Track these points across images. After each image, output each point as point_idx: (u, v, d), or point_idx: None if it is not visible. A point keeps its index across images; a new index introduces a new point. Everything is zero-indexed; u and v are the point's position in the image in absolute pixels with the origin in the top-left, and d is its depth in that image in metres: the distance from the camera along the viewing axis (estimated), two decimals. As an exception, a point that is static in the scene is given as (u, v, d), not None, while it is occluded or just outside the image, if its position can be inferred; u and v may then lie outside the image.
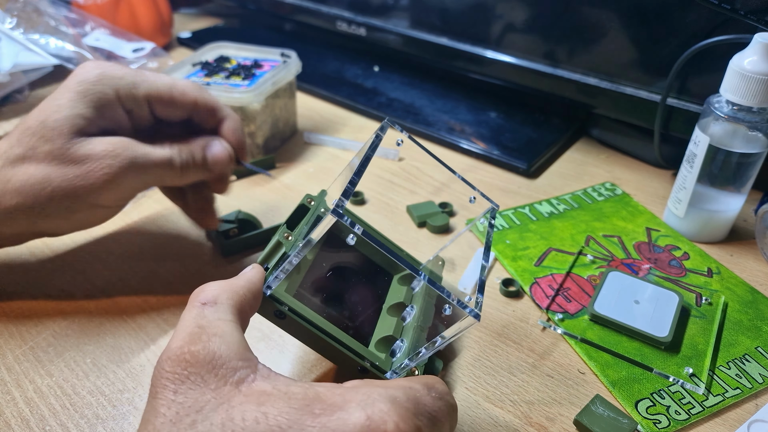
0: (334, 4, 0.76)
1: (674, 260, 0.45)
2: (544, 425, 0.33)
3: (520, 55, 0.60)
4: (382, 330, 0.33)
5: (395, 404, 0.22)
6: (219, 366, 0.23)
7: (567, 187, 0.55)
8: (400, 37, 0.70)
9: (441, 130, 0.62)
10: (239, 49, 0.62)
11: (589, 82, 0.56)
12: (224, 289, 0.27)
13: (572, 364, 0.37)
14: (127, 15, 0.79)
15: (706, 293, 0.42)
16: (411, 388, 0.24)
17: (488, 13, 0.61)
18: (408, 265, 0.27)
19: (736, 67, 0.40)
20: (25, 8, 0.69)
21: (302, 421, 0.21)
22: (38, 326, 0.38)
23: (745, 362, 0.37)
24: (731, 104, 0.42)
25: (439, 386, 0.26)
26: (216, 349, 0.23)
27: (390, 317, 0.34)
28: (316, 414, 0.21)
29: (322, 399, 0.22)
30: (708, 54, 0.47)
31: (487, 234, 0.33)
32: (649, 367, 0.36)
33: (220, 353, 0.23)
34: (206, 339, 0.24)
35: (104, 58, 0.72)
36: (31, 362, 0.36)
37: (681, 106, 0.51)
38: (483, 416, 0.33)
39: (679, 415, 0.33)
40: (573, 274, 0.44)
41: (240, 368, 0.23)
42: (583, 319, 0.40)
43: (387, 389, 0.23)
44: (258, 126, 0.56)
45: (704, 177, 0.44)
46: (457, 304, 0.27)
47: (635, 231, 0.48)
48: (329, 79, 0.74)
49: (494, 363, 0.37)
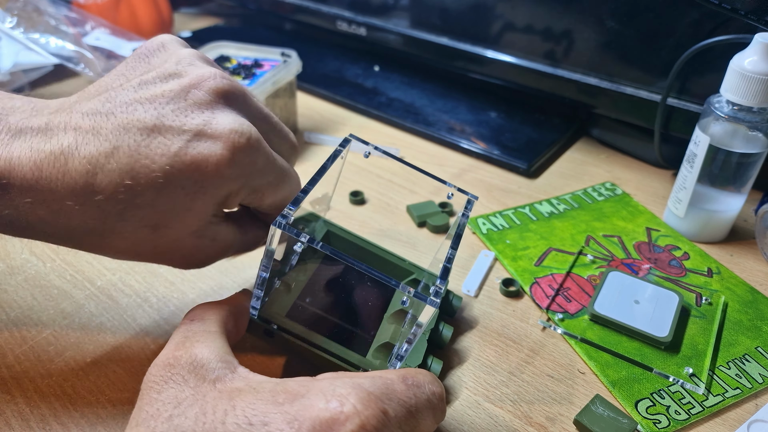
0: (334, 4, 0.76)
1: (674, 260, 0.45)
2: (544, 425, 0.33)
3: (520, 54, 0.60)
4: (381, 337, 0.34)
5: (357, 389, 0.23)
6: (199, 367, 0.25)
7: (567, 187, 0.55)
8: (400, 36, 0.70)
9: (441, 129, 0.62)
10: (239, 49, 0.62)
11: (590, 82, 0.56)
12: (210, 307, 0.30)
13: (572, 364, 0.37)
14: (127, 14, 0.79)
15: (706, 293, 0.42)
16: (382, 377, 0.25)
17: (488, 13, 0.61)
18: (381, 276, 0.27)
19: (736, 67, 0.40)
20: (26, 7, 0.69)
21: (266, 411, 0.22)
22: (38, 326, 0.38)
23: (745, 362, 0.37)
24: (731, 104, 0.42)
25: (420, 377, 0.26)
26: (197, 353, 0.25)
27: (390, 325, 0.35)
28: (279, 403, 0.22)
29: (288, 390, 0.23)
30: (708, 54, 0.47)
31: (459, 223, 0.32)
32: (649, 367, 0.36)
33: (201, 356, 0.25)
34: (189, 345, 0.26)
35: (104, 57, 0.72)
36: (31, 362, 0.36)
37: (681, 106, 0.51)
38: (483, 416, 0.33)
39: (679, 415, 0.33)
40: (573, 274, 0.44)
41: (218, 369, 0.25)
42: (583, 319, 0.40)
43: (354, 378, 0.24)
44: (258, 126, 0.56)
45: (704, 177, 0.44)
46: (414, 295, 0.27)
47: (635, 231, 0.48)
48: (329, 79, 0.74)
49: (494, 363, 0.37)
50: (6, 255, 0.44)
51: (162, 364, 0.25)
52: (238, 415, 0.22)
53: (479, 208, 0.52)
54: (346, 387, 0.23)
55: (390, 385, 0.24)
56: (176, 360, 0.25)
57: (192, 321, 0.28)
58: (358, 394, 0.22)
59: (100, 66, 0.69)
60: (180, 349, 0.25)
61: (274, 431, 0.21)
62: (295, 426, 0.21)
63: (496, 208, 0.52)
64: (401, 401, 0.24)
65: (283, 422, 0.21)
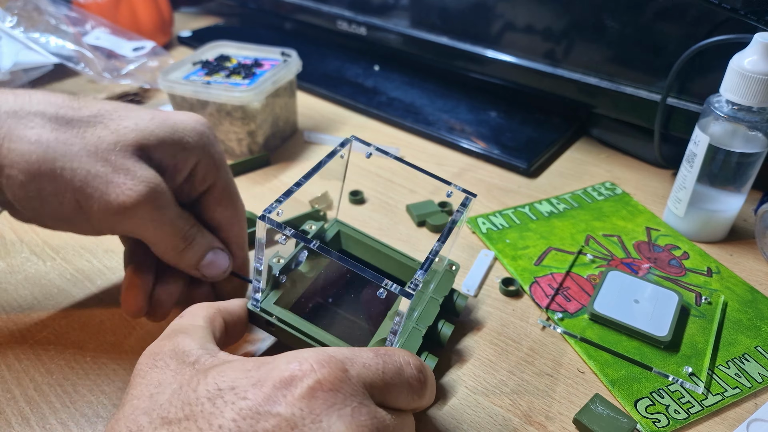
0: (334, 4, 0.76)
1: (674, 260, 0.45)
2: (543, 424, 0.33)
3: (520, 54, 0.61)
4: (381, 333, 0.34)
5: (319, 353, 0.24)
6: (180, 353, 0.26)
7: (567, 187, 0.55)
8: (400, 36, 0.70)
9: (441, 129, 0.62)
10: (240, 48, 0.62)
11: (590, 82, 0.56)
12: (201, 306, 0.31)
13: (572, 363, 0.37)
14: (127, 14, 0.79)
15: (705, 293, 0.42)
16: (353, 349, 0.25)
17: (488, 13, 0.61)
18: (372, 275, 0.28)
19: (736, 67, 0.40)
20: (26, 7, 0.69)
21: (234, 377, 0.23)
22: (38, 324, 0.38)
23: (744, 361, 0.37)
24: (731, 104, 0.42)
25: (395, 351, 0.26)
26: (181, 341, 0.27)
27: (390, 321, 0.35)
28: (247, 369, 0.24)
29: (258, 360, 0.24)
30: (708, 54, 0.47)
31: (452, 219, 0.32)
32: (648, 367, 0.36)
33: (184, 344, 0.27)
34: (174, 336, 0.27)
35: (104, 56, 0.72)
36: (31, 360, 0.36)
37: (681, 105, 0.51)
38: (482, 415, 0.34)
39: (678, 414, 0.33)
40: (573, 274, 0.44)
41: (199, 354, 0.26)
42: (582, 318, 0.40)
43: (321, 347, 0.25)
44: (258, 125, 0.56)
45: (704, 177, 0.44)
46: (390, 288, 0.27)
47: (635, 230, 0.49)
48: (329, 79, 0.74)
49: (494, 362, 0.37)
50: (6, 254, 0.44)
51: (148, 354, 0.27)
52: (209, 383, 0.23)
53: (479, 208, 0.52)
54: (309, 352, 0.24)
55: (357, 352, 0.25)
56: (160, 348, 0.26)
57: (181, 317, 0.30)
58: (318, 356, 0.23)
59: (100, 65, 0.69)
60: (165, 340, 0.27)
61: (240, 392, 0.22)
62: (259, 386, 0.23)
63: (495, 207, 0.52)
64: (366, 365, 0.24)
65: (248, 384, 0.23)
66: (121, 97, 0.69)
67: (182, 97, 0.55)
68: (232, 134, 0.56)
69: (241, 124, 0.55)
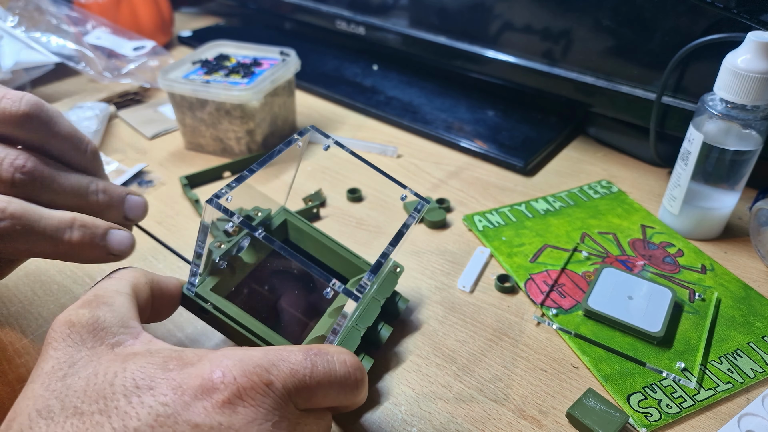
0: (333, 3, 0.76)
1: (668, 257, 0.46)
2: (537, 418, 0.33)
3: (517, 54, 0.61)
4: (318, 330, 0.34)
5: (243, 360, 0.23)
6: (99, 329, 0.25)
7: (563, 185, 0.55)
8: (399, 36, 0.70)
9: (439, 128, 0.63)
10: (239, 48, 0.63)
11: (586, 81, 0.56)
12: (133, 270, 0.30)
13: (566, 358, 0.37)
14: (128, 14, 0.80)
15: (699, 289, 0.43)
16: (281, 349, 0.25)
17: (486, 13, 0.61)
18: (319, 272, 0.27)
19: (729, 66, 0.40)
20: (27, 7, 0.70)
21: (154, 375, 0.22)
22: (39, 320, 0.39)
23: (737, 357, 0.37)
24: (725, 102, 0.42)
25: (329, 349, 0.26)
26: (100, 315, 0.25)
27: (330, 319, 0.34)
28: (169, 369, 0.23)
29: (181, 358, 0.24)
30: (702, 52, 0.48)
31: (404, 224, 0.32)
32: (641, 362, 0.37)
33: (103, 319, 0.25)
34: (95, 306, 0.26)
35: (105, 56, 0.72)
36: (31, 355, 0.36)
37: (676, 104, 0.51)
38: (477, 409, 0.34)
39: (670, 408, 0.34)
40: (568, 271, 0.44)
41: (119, 333, 0.25)
42: (577, 314, 0.40)
43: (247, 351, 0.24)
44: (257, 124, 0.56)
45: (698, 174, 0.45)
46: (337, 288, 0.27)
47: (630, 228, 0.49)
48: (328, 78, 0.74)
49: (488, 357, 0.37)
50: (7, 251, 0.45)
51: (63, 321, 0.25)
52: (126, 377, 0.22)
53: (476, 205, 0.52)
54: (234, 359, 0.23)
55: (284, 356, 0.24)
56: (78, 318, 0.25)
57: (110, 278, 0.28)
58: (242, 365, 0.23)
59: (101, 65, 0.70)
60: (84, 307, 0.26)
61: (159, 396, 0.22)
62: (179, 392, 0.22)
63: (492, 205, 0.52)
64: (293, 370, 0.24)
65: (168, 388, 0.22)
66: (122, 95, 0.69)
67: (181, 95, 0.56)
68: (231, 133, 0.57)
69: (239, 123, 0.56)
